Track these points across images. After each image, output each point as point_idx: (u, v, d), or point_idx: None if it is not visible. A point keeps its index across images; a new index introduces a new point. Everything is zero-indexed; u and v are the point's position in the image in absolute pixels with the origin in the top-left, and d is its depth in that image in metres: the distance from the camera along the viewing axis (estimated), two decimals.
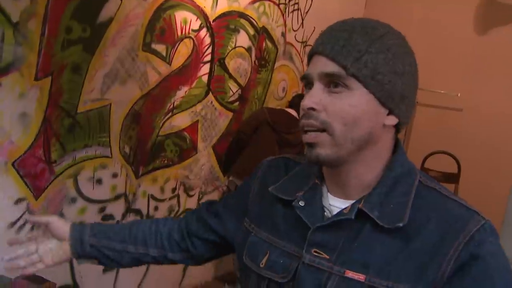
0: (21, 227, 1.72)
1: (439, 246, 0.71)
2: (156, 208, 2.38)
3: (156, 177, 2.34)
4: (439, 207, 0.74)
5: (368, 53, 0.71)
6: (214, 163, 2.74)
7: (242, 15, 2.62)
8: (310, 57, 0.77)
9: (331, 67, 0.72)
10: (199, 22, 2.32)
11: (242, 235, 0.88)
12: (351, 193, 0.78)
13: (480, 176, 3.27)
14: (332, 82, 0.72)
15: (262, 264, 0.81)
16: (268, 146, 2.67)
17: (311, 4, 3.22)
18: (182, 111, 2.38)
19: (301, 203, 0.79)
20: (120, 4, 1.86)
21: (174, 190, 2.48)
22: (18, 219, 1.71)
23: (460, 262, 0.70)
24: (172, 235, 0.98)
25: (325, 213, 0.78)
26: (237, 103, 2.77)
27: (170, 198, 2.47)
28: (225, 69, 2.61)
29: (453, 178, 3.16)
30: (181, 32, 2.22)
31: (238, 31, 2.63)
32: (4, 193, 1.64)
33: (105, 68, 1.87)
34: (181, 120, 2.40)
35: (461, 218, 0.73)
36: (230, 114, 2.75)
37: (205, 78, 2.48)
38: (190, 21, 2.26)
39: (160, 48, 2.13)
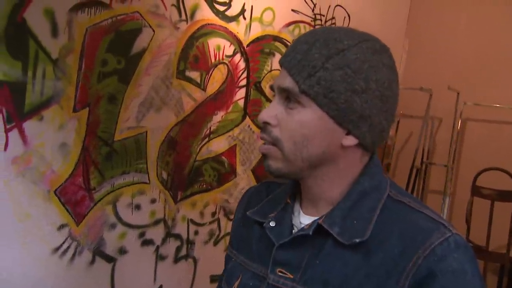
0: (64, 253, 1.79)
1: (399, 260, 0.66)
2: (196, 233, 2.40)
3: (195, 201, 2.37)
4: (404, 220, 0.70)
5: (323, 70, 0.67)
6: None
7: (276, 38, 2.64)
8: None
9: (287, 82, 0.70)
10: (232, 47, 2.37)
11: (226, 263, 0.89)
12: (320, 209, 0.77)
13: None
14: (287, 97, 0.71)
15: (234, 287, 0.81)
16: None
17: (348, 23, 3.19)
18: (219, 135, 2.42)
19: (272, 224, 0.79)
20: (153, 35, 1.94)
21: (214, 214, 2.50)
22: (61, 245, 1.78)
23: (418, 278, 0.65)
24: None
25: (294, 231, 0.77)
26: None
27: (210, 223, 2.49)
28: (262, 93, 2.63)
29: (509, 196, 2.96)
30: (215, 59, 2.28)
31: (273, 54, 2.65)
32: (47, 220, 1.73)
33: (140, 97, 1.95)
34: (219, 145, 2.43)
35: (424, 230, 0.68)
36: None
37: (241, 102, 2.51)
38: (224, 47, 2.31)
39: (194, 75, 2.19)
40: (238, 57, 2.42)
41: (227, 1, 2.27)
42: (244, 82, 2.50)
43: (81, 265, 1.86)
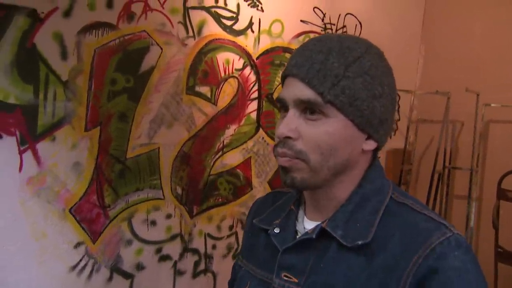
0: (81, 270, 1.82)
1: (400, 260, 0.66)
2: (214, 247, 2.40)
3: (212, 215, 2.37)
4: (406, 221, 0.70)
5: (345, 78, 0.68)
6: None
7: (286, 49, 2.65)
8: (284, 78, 0.74)
9: (307, 93, 0.69)
10: (242, 61, 2.38)
11: (234, 273, 0.90)
12: (324, 214, 0.76)
13: None
14: (308, 108, 0.70)
15: None
16: None
17: (360, 31, 3.17)
18: (233, 149, 2.42)
19: (276, 230, 0.80)
20: (161, 53, 1.98)
21: (231, 227, 2.49)
22: (78, 263, 1.81)
23: (418, 277, 0.64)
24: None
25: (298, 236, 0.77)
26: None
27: (228, 236, 2.48)
28: (274, 104, 2.63)
29: None
30: (225, 73, 2.30)
31: (284, 65, 2.65)
32: (64, 238, 1.76)
33: (150, 114, 1.98)
34: (233, 158, 2.44)
35: (425, 231, 0.67)
36: None
37: (254, 115, 2.51)
38: (233, 61, 2.33)
39: (204, 90, 2.21)
40: (248, 70, 2.43)
41: (234, 16, 2.30)
42: (255, 95, 2.51)
43: (99, 282, 1.88)
